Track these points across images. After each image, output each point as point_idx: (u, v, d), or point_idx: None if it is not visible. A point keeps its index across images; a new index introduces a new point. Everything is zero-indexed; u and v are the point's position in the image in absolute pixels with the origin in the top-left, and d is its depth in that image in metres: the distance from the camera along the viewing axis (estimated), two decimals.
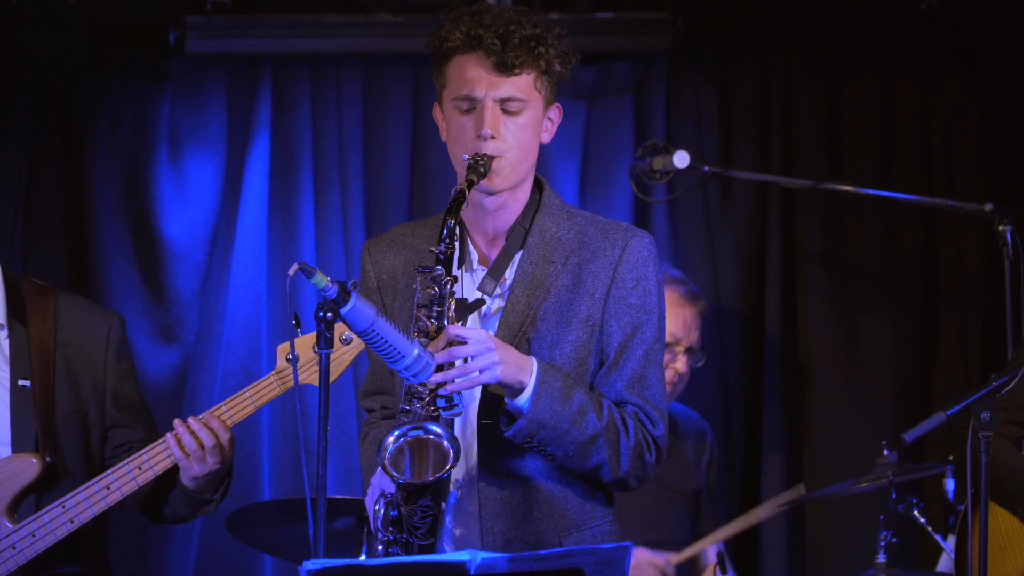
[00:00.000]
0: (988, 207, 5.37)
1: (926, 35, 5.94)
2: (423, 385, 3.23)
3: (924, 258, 5.99)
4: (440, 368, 3.21)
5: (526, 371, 3.30)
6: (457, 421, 3.33)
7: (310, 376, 4.05)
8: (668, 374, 5.32)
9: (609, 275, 3.44)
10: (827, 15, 5.96)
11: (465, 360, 3.23)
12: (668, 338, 5.28)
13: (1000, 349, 5.46)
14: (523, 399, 3.30)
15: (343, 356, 4.01)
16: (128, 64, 5.86)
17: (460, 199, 3.29)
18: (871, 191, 5.68)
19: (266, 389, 4.07)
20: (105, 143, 5.84)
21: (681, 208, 6.02)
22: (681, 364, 5.37)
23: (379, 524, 3.28)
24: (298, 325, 4.01)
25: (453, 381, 3.21)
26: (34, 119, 5.78)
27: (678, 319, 5.35)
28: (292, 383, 4.02)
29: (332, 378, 3.98)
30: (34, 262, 5.73)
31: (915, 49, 5.98)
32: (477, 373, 3.23)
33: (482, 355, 3.23)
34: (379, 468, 3.29)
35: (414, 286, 3.28)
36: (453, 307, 3.28)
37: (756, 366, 5.98)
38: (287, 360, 4.06)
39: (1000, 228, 5.23)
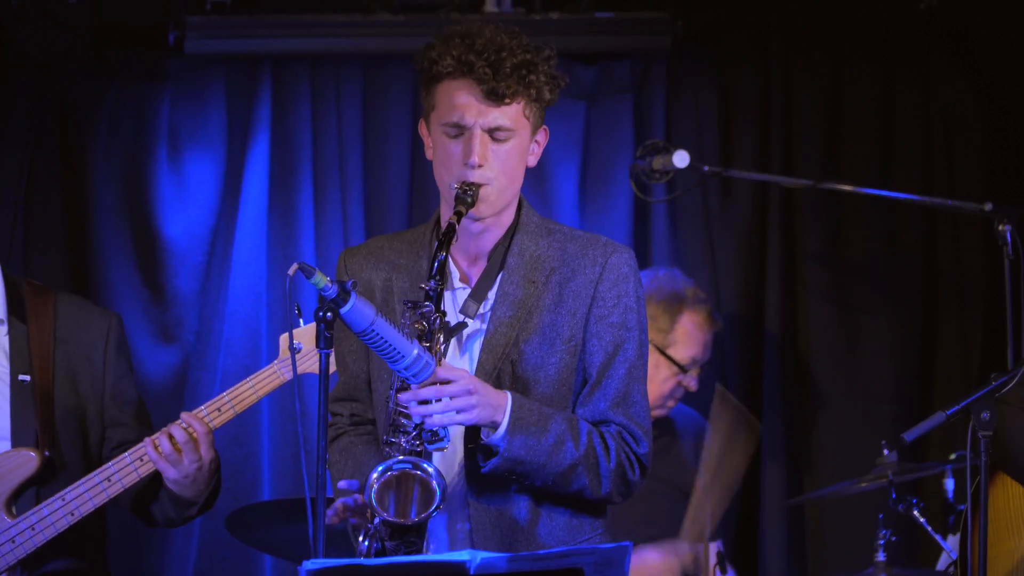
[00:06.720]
0: (988, 207, 5.36)
1: (926, 35, 5.94)
2: (407, 418, 3.23)
3: (924, 258, 5.98)
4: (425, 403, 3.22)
5: (500, 410, 3.30)
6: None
7: (312, 365, 4.04)
8: (679, 391, 5.33)
9: (590, 294, 3.44)
10: (827, 15, 5.96)
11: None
12: (689, 363, 5.28)
13: (1000, 349, 5.45)
14: (497, 437, 3.30)
15: None
16: (128, 64, 5.86)
17: (450, 233, 3.30)
18: (871, 191, 5.68)
19: (268, 379, 4.07)
20: (105, 143, 5.83)
21: (681, 208, 6.01)
22: (695, 383, 5.35)
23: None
24: (300, 314, 4.02)
25: (432, 416, 3.21)
26: (34, 119, 5.77)
27: (700, 343, 5.32)
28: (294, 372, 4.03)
29: None
30: (34, 262, 5.72)
31: (915, 49, 5.98)
32: (454, 413, 3.23)
33: (461, 396, 3.23)
34: (350, 480, 3.32)
35: (402, 320, 3.28)
36: (442, 341, 3.28)
37: (756, 366, 5.97)
38: (289, 350, 4.06)
39: (1000, 228, 5.22)
